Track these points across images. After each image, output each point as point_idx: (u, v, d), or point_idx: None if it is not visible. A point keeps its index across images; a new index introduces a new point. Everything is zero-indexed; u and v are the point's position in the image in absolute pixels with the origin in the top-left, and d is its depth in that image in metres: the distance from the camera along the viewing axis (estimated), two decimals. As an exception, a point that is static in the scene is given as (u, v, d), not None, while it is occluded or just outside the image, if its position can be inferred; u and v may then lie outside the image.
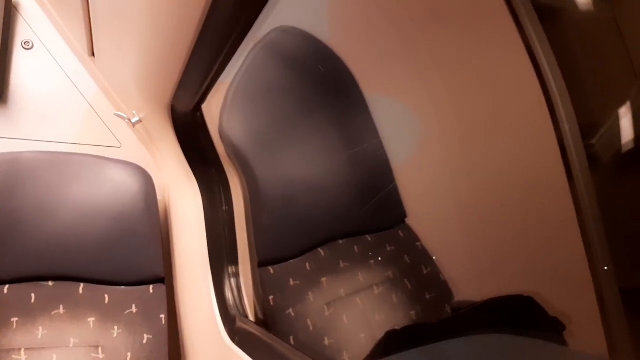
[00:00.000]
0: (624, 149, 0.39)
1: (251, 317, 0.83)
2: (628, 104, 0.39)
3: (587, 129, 0.42)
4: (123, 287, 0.92)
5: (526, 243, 0.54)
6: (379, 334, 0.75)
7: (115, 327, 0.86)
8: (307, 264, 0.81)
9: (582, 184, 0.41)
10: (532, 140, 0.51)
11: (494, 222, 0.60)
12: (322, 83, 0.92)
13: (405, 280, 0.79)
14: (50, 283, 0.89)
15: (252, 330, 0.73)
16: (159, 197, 1.03)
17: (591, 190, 0.41)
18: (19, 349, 0.80)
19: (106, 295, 0.90)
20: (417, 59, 0.71)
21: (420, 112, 0.72)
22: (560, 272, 0.49)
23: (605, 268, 0.40)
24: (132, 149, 1.18)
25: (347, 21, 0.85)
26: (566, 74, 0.43)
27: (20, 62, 1.13)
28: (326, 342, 0.74)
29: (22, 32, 1.13)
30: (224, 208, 0.91)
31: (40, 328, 0.83)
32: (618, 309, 0.39)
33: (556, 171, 0.43)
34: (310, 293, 0.78)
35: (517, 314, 0.53)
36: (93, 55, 1.00)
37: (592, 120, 0.42)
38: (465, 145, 0.64)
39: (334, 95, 0.92)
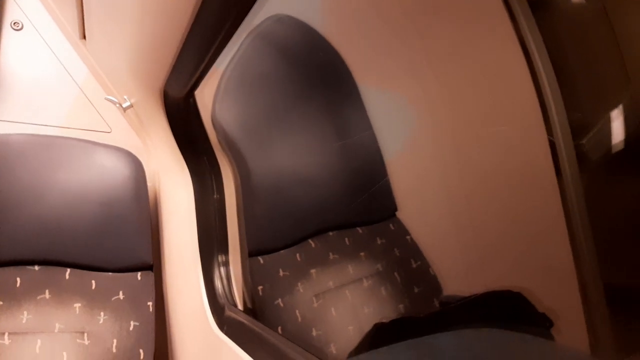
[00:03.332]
0: (613, 150, 0.39)
1: (240, 307, 0.83)
2: (619, 107, 0.39)
3: (578, 129, 0.42)
4: (110, 273, 0.92)
5: (516, 239, 0.55)
6: (367, 327, 0.75)
7: (102, 313, 0.86)
8: (297, 255, 0.82)
9: (570, 182, 0.42)
10: (523, 137, 0.51)
11: (484, 217, 0.61)
12: (315, 73, 0.91)
13: (395, 274, 0.79)
14: (36, 267, 0.88)
15: (240, 319, 0.73)
16: (148, 184, 1.02)
17: (579, 188, 0.42)
18: (3, 333, 0.79)
19: (93, 281, 0.89)
20: (410, 52, 0.70)
21: (412, 106, 0.72)
22: (549, 268, 0.49)
23: (590, 264, 0.41)
24: (123, 135, 1.17)
25: (341, 12, 0.84)
26: (559, 74, 0.43)
27: (9, 44, 1.10)
28: (314, 333, 0.75)
29: (11, 12, 1.11)
30: (215, 196, 0.91)
31: (25, 312, 0.82)
32: (601, 305, 0.40)
33: (546, 169, 0.43)
34: (299, 284, 0.79)
35: (506, 309, 0.53)
36: (84, 37, 0.98)
37: (583, 121, 0.43)
38: (457, 141, 0.64)
39: (327, 85, 0.91)
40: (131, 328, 0.86)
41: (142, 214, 0.96)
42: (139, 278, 0.92)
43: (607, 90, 0.42)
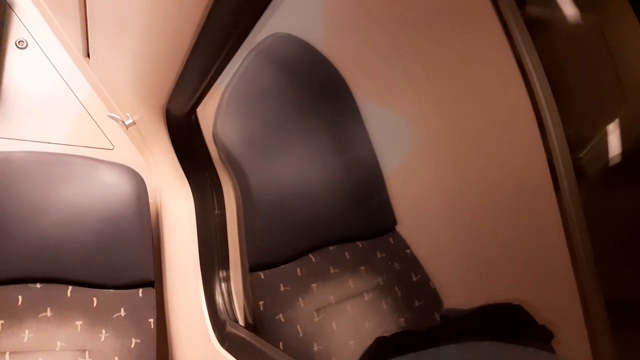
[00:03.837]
0: (611, 163, 0.40)
1: (241, 322, 0.83)
2: (616, 121, 0.40)
3: (575, 143, 0.43)
4: (112, 290, 0.91)
5: (515, 252, 0.55)
6: (369, 341, 0.75)
7: (103, 331, 0.85)
8: (298, 270, 0.82)
9: (568, 197, 0.42)
10: (521, 152, 0.52)
11: (483, 231, 0.61)
12: (315, 89, 0.92)
13: (395, 287, 0.79)
14: (38, 285, 0.88)
15: (242, 335, 0.73)
16: (150, 200, 1.03)
17: (577, 202, 0.42)
18: (4, 353, 0.78)
19: (95, 299, 0.89)
20: (408, 68, 0.72)
21: (411, 120, 0.73)
22: (549, 281, 0.50)
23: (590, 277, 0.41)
24: (125, 151, 1.18)
25: (341, 30, 0.86)
26: (555, 88, 0.44)
27: (14, 62, 1.12)
28: (315, 348, 0.74)
29: (16, 31, 1.13)
30: (216, 212, 0.91)
31: (27, 331, 0.81)
32: (602, 318, 0.40)
33: (545, 183, 0.44)
34: (300, 299, 0.78)
35: (506, 322, 0.53)
36: (88, 56, 1.00)
37: (580, 135, 0.43)
38: (455, 155, 0.65)
39: (327, 101, 0.92)
40: (132, 345, 0.86)
41: (143, 231, 0.96)
42: (140, 294, 0.92)
43: (603, 104, 0.43)
